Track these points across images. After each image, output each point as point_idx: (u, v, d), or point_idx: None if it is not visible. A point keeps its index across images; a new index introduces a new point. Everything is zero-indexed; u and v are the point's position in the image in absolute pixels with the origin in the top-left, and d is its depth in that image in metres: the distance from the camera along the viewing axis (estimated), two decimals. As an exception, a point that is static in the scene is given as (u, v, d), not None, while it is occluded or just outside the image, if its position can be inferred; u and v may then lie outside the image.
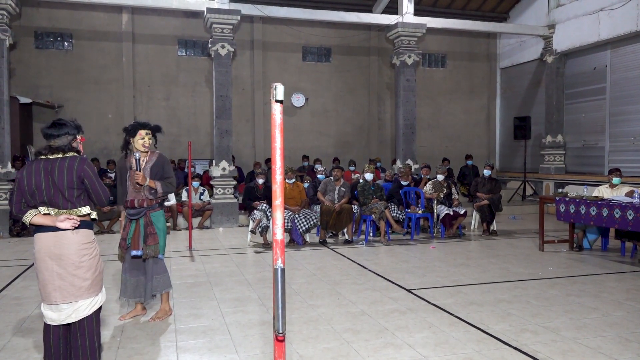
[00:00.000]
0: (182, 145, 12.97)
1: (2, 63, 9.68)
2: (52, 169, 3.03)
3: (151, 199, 4.39)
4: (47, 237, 3.03)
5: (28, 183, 3.04)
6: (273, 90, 2.03)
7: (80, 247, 3.06)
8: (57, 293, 3.03)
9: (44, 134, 3.11)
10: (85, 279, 3.08)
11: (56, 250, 3.02)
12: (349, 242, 8.53)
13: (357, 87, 15.28)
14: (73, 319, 3.07)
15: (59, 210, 3.05)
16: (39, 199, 3.05)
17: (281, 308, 2.07)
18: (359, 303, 4.98)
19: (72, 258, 3.03)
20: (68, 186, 3.03)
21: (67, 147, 3.11)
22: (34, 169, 3.06)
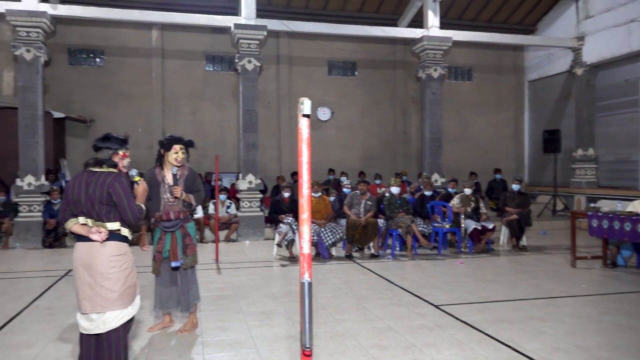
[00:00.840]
0: (209, 158, 13.12)
1: (37, 79, 9.99)
2: (90, 182, 3.15)
3: (185, 211, 4.46)
4: (82, 247, 3.15)
5: (72, 192, 3.18)
6: (300, 105, 2.04)
7: (109, 258, 3.12)
8: (87, 302, 3.10)
9: (93, 146, 3.29)
10: (113, 290, 3.12)
11: (87, 260, 3.11)
12: (375, 256, 8.46)
13: (382, 100, 15.27)
14: (101, 330, 3.12)
15: (94, 222, 3.15)
16: (79, 209, 3.18)
17: (308, 322, 2.06)
18: (385, 318, 4.92)
19: (100, 269, 3.10)
20: (99, 201, 3.12)
21: (108, 161, 3.23)
22: (78, 180, 3.20)
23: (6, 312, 5.16)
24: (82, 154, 13.14)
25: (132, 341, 4.26)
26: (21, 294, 5.97)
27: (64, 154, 12.97)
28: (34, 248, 9.61)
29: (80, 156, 13.08)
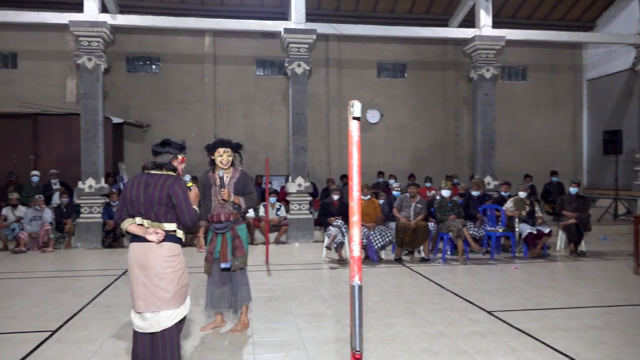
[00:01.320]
0: (260, 161, 13.33)
1: (97, 86, 10.45)
2: (149, 184, 3.27)
3: (236, 213, 4.54)
4: (138, 247, 3.25)
5: (130, 193, 3.30)
6: (350, 107, 2.04)
7: (164, 259, 3.22)
8: (142, 301, 3.20)
9: (152, 150, 3.42)
10: (167, 290, 3.21)
11: (143, 260, 3.21)
12: (425, 260, 8.34)
13: (432, 102, 15.06)
14: (155, 329, 3.21)
15: (150, 223, 3.25)
16: (136, 210, 3.29)
17: (358, 325, 2.05)
18: (436, 323, 4.84)
19: (155, 269, 3.19)
20: (158, 202, 3.23)
21: (167, 165, 3.35)
22: (137, 182, 3.32)
23: (69, 309, 5.42)
24: (139, 157, 13.64)
25: (184, 340, 4.37)
26: (82, 292, 6.25)
27: (122, 157, 13.51)
28: (94, 248, 10.04)
29: (137, 160, 13.59)
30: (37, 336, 4.49)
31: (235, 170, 4.64)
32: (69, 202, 10.41)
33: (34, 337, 4.46)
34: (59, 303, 5.70)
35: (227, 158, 4.56)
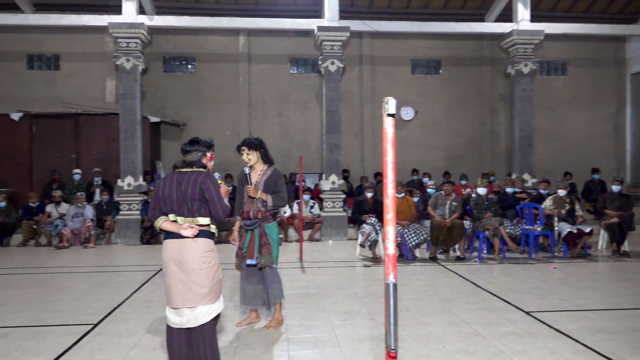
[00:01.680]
0: (294, 159, 13.41)
1: (135, 87, 10.71)
2: (181, 181, 3.32)
3: (264, 211, 4.57)
4: (173, 244, 3.30)
5: (162, 191, 3.36)
6: (385, 104, 2.03)
7: (200, 254, 3.27)
8: (178, 297, 3.24)
9: (181, 149, 3.48)
10: (203, 285, 3.26)
11: (179, 256, 3.26)
12: (460, 258, 8.23)
13: (468, 98, 14.82)
14: (193, 324, 3.26)
15: (184, 219, 3.30)
16: (169, 207, 3.34)
17: (393, 324, 2.05)
18: (472, 323, 4.76)
19: (191, 264, 3.24)
20: (191, 197, 3.28)
21: (197, 162, 3.41)
22: (168, 180, 3.38)
23: (109, 303, 5.58)
24: (176, 156, 13.89)
25: (219, 335, 4.44)
26: (122, 286, 6.42)
27: (160, 156, 13.80)
28: (133, 244, 10.30)
29: (174, 158, 13.85)
30: (80, 329, 4.64)
31: (269, 169, 4.67)
32: (109, 199, 10.71)
33: (77, 330, 4.61)
34: (100, 297, 5.87)
35: (246, 157, 4.63)
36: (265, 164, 4.71)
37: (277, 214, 4.77)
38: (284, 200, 4.64)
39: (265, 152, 4.73)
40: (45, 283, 6.72)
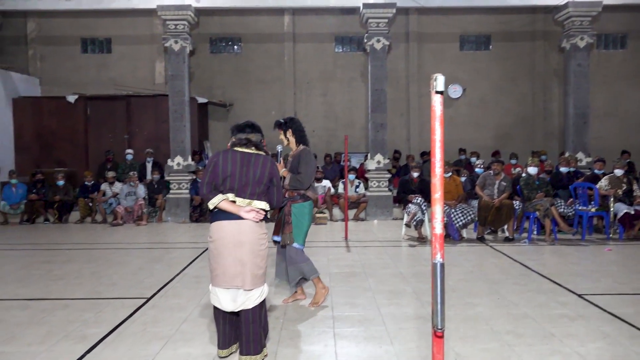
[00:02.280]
0: (339, 139, 13.38)
1: (184, 68, 10.90)
2: (248, 162, 3.28)
3: (291, 191, 4.58)
4: (231, 225, 3.23)
5: (223, 168, 3.24)
6: (433, 81, 1.99)
7: (259, 236, 3.29)
8: (238, 279, 3.22)
9: (240, 127, 3.40)
10: (261, 267, 3.30)
11: (240, 237, 3.22)
12: (509, 239, 8.05)
13: (519, 75, 14.32)
14: (247, 306, 3.27)
15: (243, 200, 3.26)
16: (228, 186, 3.25)
17: (440, 303, 2.03)
18: (521, 305, 4.67)
19: (252, 246, 3.24)
20: (258, 181, 3.27)
21: (259, 145, 3.39)
22: (230, 158, 3.27)
23: (162, 278, 5.79)
24: (223, 136, 14.14)
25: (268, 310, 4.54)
26: (173, 263, 6.64)
27: (207, 136, 14.08)
28: (183, 222, 10.61)
29: (221, 138, 14.10)
30: (135, 302, 4.85)
31: (298, 149, 4.66)
32: (160, 178, 11.03)
33: (132, 303, 4.82)
34: (153, 272, 6.10)
35: (281, 136, 4.69)
36: (299, 144, 4.67)
37: (306, 195, 4.61)
38: (300, 182, 4.52)
39: (294, 132, 4.67)
40: (102, 258, 7.04)
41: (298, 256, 4.61)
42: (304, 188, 4.56)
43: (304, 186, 4.54)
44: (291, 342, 3.80)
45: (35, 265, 6.61)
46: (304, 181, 4.52)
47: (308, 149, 4.68)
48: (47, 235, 9.21)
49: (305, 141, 4.69)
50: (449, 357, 3.45)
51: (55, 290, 5.35)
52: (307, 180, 4.54)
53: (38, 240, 8.73)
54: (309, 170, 4.55)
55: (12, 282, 5.78)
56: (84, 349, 3.69)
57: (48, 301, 4.96)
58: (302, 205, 4.58)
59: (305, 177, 4.53)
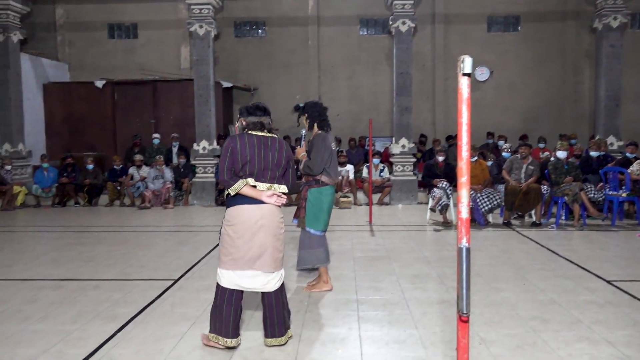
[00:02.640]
0: (363, 122, 13.29)
1: (208, 52, 10.93)
2: (267, 145, 3.24)
3: (307, 175, 4.57)
4: (254, 209, 3.22)
5: (242, 153, 3.18)
6: (460, 63, 1.96)
7: (279, 220, 3.31)
8: (258, 262, 3.24)
9: (250, 110, 3.30)
10: (280, 250, 3.33)
11: (263, 221, 3.22)
12: (536, 224, 7.93)
13: (548, 56, 13.97)
14: (268, 289, 3.30)
15: (264, 184, 3.24)
16: (249, 171, 3.21)
17: (465, 288, 2.03)
18: (548, 291, 4.62)
19: (273, 230, 3.26)
20: (277, 164, 3.26)
21: (271, 128, 3.34)
22: (248, 142, 3.20)
23: (188, 260, 5.89)
24: (247, 120, 14.17)
25: (293, 294, 4.59)
26: (199, 245, 6.75)
27: (232, 120, 14.15)
28: (209, 205, 10.74)
29: (245, 122, 14.14)
30: (163, 284, 4.95)
31: (313, 134, 4.57)
32: (186, 162, 11.17)
33: (159, 285, 4.92)
34: (180, 255, 6.21)
35: (300, 120, 4.64)
36: (316, 129, 4.57)
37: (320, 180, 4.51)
38: (309, 168, 4.45)
39: (309, 117, 4.56)
40: (130, 241, 7.19)
41: (312, 241, 4.58)
42: (313, 174, 4.48)
43: (312, 172, 4.46)
44: (315, 325, 3.84)
45: (66, 247, 6.79)
46: (312, 167, 4.43)
47: (323, 134, 4.53)
48: (78, 218, 9.44)
49: (323, 126, 4.56)
50: (473, 342, 3.45)
51: (86, 271, 5.50)
52: (316, 166, 4.42)
53: (69, 223, 8.96)
54: (317, 156, 4.43)
55: (46, 263, 5.96)
56: (115, 328, 3.80)
57: (79, 282, 5.11)
58: (318, 190, 4.52)
59: (314, 163, 4.43)
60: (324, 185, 4.53)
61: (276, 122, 13.48)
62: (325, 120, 4.57)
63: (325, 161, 4.46)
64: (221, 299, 3.29)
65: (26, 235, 8.11)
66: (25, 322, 3.97)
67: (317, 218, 4.52)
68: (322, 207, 4.53)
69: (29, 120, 12.31)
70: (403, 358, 3.27)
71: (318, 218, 4.53)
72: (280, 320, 3.37)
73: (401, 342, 3.51)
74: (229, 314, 3.28)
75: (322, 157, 4.43)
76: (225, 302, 3.28)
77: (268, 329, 3.37)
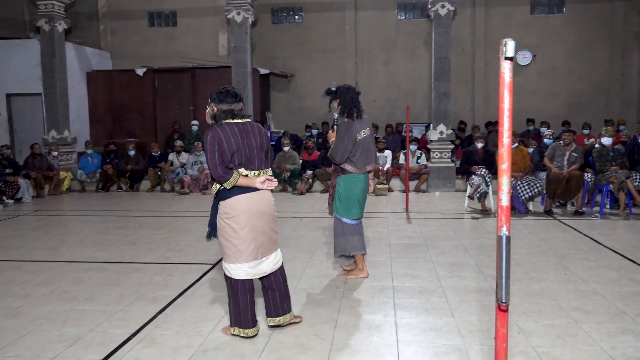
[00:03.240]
0: (400, 109, 13.17)
1: (246, 39, 10.99)
2: (247, 132, 3.19)
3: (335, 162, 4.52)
4: (251, 197, 3.21)
5: (228, 145, 3.11)
6: (502, 46, 1.90)
7: (272, 202, 3.37)
8: (261, 249, 3.28)
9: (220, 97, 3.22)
10: (276, 232, 3.41)
11: (260, 207, 3.25)
12: (579, 213, 7.70)
13: (595, 39, 13.44)
14: (271, 270, 3.36)
15: (254, 172, 3.20)
16: (237, 161, 3.15)
17: (505, 277, 1.99)
18: (590, 281, 4.49)
19: (270, 214, 3.32)
20: (260, 148, 3.24)
21: (244, 113, 3.28)
22: (230, 132, 3.13)
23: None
24: (284, 107, 14.26)
25: (328, 279, 4.62)
26: (237, 231, 6.84)
27: (269, 107, 14.24)
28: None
29: (282, 109, 14.23)
30: (201, 267, 5.06)
31: (341, 121, 4.51)
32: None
33: (198, 268, 5.03)
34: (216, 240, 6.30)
35: (332, 104, 4.55)
36: (345, 115, 4.47)
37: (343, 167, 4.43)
38: (330, 155, 4.41)
39: (343, 103, 4.45)
40: (170, 225, 7.36)
41: (345, 229, 4.54)
42: (335, 162, 4.42)
43: (335, 160, 4.39)
44: (351, 311, 3.86)
45: (110, 231, 7.02)
46: (334, 156, 4.37)
47: (349, 122, 4.39)
48: (120, 203, 9.72)
49: (352, 113, 4.41)
50: (512, 332, 3.40)
51: (128, 254, 5.67)
52: (338, 155, 4.34)
53: (112, 207, 9.24)
54: (339, 145, 4.33)
55: (90, 245, 6.18)
56: (156, 309, 3.92)
57: (122, 264, 5.27)
58: (348, 177, 4.44)
59: (335, 152, 4.35)
60: (346, 173, 4.45)
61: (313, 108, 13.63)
62: (357, 106, 4.44)
63: (349, 150, 4.34)
64: (235, 291, 3.31)
65: (72, 219, 8.42)
66: (72, 302, 4.13)
67: (348, 206, 4.47)
68: (352, 195, 4.45)
69: (74, 108, 12.70)
70: (439, 346, 3.25)
71: (349, 206, 4.47)
72: (288, 296, 3.49)
73: (437, 330, 3.49)
74: (246, 304, 3.30)
75: (345, 146, 4.32)
76: (240, 293, 3.30)
77: (279, 306, 3.45)
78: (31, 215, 8.53)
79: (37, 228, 7.47)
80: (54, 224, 7.84)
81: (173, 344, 3.33)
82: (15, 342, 3.39)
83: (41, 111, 12.51)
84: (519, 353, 3.12)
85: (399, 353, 3.17)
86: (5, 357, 3.18)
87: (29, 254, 5.82)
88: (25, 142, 12.25)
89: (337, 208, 4.51)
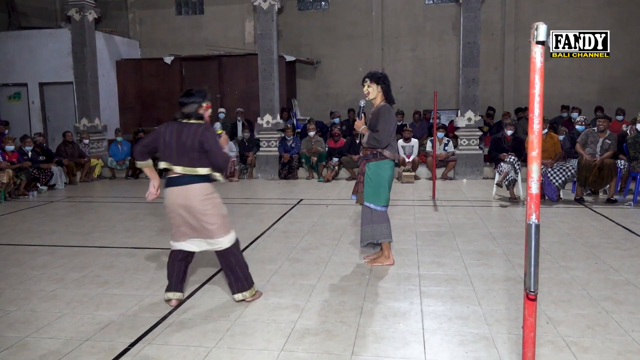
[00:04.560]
0: (428, 95, 13.01)
1: (272, 26, 10.97)
2: (181, 132, 3.55)
3: (365, 149, 4.49)
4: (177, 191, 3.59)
5: (163, 139, 3.59)
6: (534, 30, 1.86)
7: (201, 198, 3.57)
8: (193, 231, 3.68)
9: (178, 102, 3.66)
10: (213, 223, 3.61)
11: (184, 201, 3.57)
12: (612, 201, 7.52)
13: (632, 21, 12.99)
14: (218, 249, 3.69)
15: (184, 168, 3.54)
16: (167, 155, 3.59)
17: (534, 266, 1.96)
18: (622, 271, 4.40)
19: (198, 208, 3.57)
20: (191, 149, 3.51)
21: (194, 114, 3.61)
22: (169, 129, 3.61)
23: (253, 232, 6.06)
24: (310, 94, 14.23)
25: (353, 267, 4.63)
26: (263, 218, 6.91)
27: (295, 94, 14.23)
28: (272, 179, 10.94)
29: (308, 96, 14.20)
30: (228, 254, 5.12)
31: (378, 106, 4.45)
32: (250, 136, 11.38)
33: (225, 254, 5.09)
34: (245, 226, 6.39)
35: (367, 88, 4.49)
36: (383, 101, 4.47)
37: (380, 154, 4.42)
38: (376, 140, 4.35)
39: (387, 89, 4.46)
40: (198, 212, 7.45)
41: (373, 217, 4.53)
42: (381, 147, 4.39)
43: (380, 145, 4.37)
44: (376, 299, 3.87)
45: (139, 217, 7.16)
46: (381, 139, 4.34)
47: (388, 105, 4.45)
48: (150, 190, 9.87)
49: (392, 100, 4.52)
50: (540, 321, 3.36)
51: (157, 240, 5.78)
52: (385, 138, 4.35)
53: (141, 194, 9.37)
54: (387, 128, 4.34)
55: (121, 231, 6.32)
56: (185, 294, 3.99)
57: (151, 250, 5.39)
58: (377, 164, 4.43)
59: (383, 135, 4.34)
60: (383, 159, 4.44)
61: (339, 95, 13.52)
62: (391, 92, 4.55)
63: (392, 134, 4.42)
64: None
65: (103, 205, 8.62)
66: (104, 287, 4.24)
67: (377, 193, 4.46)
68: (382, 182, 4.45)
69: (104, 96, 12.94)
70: (466, 334, 3.24)
71: (378, 193, 4.47)
72: (244, 275, 3.77)
73: (464, 318, 3.47)
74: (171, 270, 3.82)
75: (390, 129, 4.38)
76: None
77: (234, 285, 3.75)
78: (64, 202, 8.76)
79: (70, 214, 7.68)
80: (86, 210, 8.04)
81: (201, 329, 3.40)
82: (50, 324, 3.50)
83: (72, 99, 12.78)
84: (547, 342, 3.09)
85: (424, 340, 3.17)
86: (41, 338, 3.30)
87: (62, 239, 5.99)
88: (58, 130, 12.56)
89: (366, 194, 4.50)
